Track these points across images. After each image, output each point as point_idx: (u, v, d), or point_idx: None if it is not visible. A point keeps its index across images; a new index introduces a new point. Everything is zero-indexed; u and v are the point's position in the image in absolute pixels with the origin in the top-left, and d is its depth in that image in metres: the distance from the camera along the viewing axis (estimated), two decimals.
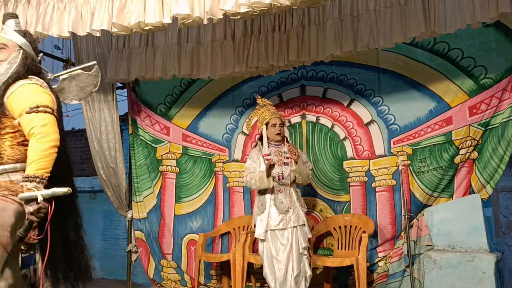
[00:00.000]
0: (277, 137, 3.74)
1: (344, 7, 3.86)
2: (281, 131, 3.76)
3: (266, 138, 3.74)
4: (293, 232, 3.58)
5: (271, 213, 3.63)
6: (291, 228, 3.58)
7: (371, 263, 4.08)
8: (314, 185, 4.43)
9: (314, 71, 4.55)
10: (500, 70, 3.85)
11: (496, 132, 3.83)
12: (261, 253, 3.70)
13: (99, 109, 4.67)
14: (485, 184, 3.85)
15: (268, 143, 3.74)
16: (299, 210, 3.66)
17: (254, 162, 3.77)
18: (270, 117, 3.77)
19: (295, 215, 3.62)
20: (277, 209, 3.62)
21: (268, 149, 3.72)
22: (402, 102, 4.23)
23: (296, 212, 3.63)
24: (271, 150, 3.74)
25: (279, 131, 3.74)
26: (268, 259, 3.64)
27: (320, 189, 4.43)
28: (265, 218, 3.64)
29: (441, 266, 3.59)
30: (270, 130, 3.75)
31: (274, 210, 3.63)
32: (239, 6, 2.85)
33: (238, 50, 4.20)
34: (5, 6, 3.37)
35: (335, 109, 4.48)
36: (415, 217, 3.93)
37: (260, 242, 3.70)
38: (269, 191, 3.68)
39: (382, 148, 4.28)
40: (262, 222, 3.65)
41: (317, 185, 4.43)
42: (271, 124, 3.76)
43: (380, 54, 4.29)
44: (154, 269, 4.83)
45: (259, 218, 3.68)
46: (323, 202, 4.43)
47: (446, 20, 3.42)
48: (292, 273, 3.53)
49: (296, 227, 3.60)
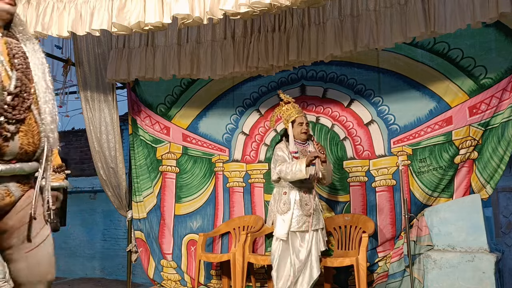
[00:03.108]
0: (303, 136, 3.70)
1: (344, 7, 3.86)
2: (308, 130, 3.74)
3: (292, 135, 3.69)
4: (313, 235, 3.55)
5: (294, 214, 3.55)
6: (312, 231, 3.55)
7: (371, 263, 4.08)
8: (314, 185, 4.42)
9: (314, 71, 4.55)
10: (500, 70, 3.85)
11: (496, 132, 3.83)
12: (273, 251, 3.62)
13: (99, 109, 4.66)
14: (485, 184, 3.85)
15: (295, 141, 3.70)
16: (320, 213, 3.66)
17: (284, 154, 3.67)
18: (296, 115, 3.72)
19: (316, 217, 3.59)
20: (302, 211, 3.56)
21: (294, 146, 3.66)
22: (402, 102, 4.23)
23: (317, 215, 3.62)
24: (297, 148, 3.69)
25: (306, 130, 3.70)
26: (281, 260, 3.56)
27: (320, 189, 4.43)
28: (288, 219, 3.54)
29: (441, 266, 3.59)
30: (296, 129, 3.70)
31: (298, 212, 3.55)
32: (239, 6, 2.85)
33: (238, 50, 4.20)
34: None
35: (335, 109, 4.48)
36: (415, 217, 3.93)
37: (276, 241, 3.61)
38: (293, 192, 3.61)
39: (382, 148, 4.28)
40: (285, 223, 3.54)
41: (317, 185, 4.43)
42: (297, 122, 3.70)
43: (380, 54, 4.29)
44: (154, 269, 4.83)
45: (281, 218, 3.58)
46: (323, 202, 4.42)
47: (446, 20, 3.42)
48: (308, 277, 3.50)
49: (317, 230, 3.58)
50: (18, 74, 1.69)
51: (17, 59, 1.72)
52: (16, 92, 1.66)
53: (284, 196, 3.63)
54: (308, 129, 3.74)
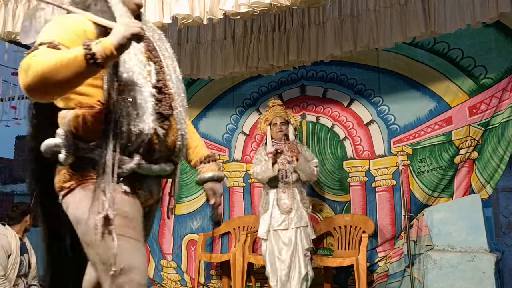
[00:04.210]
0: (279, 135, 3.83)
1: (344, 7, 3.86)
2: (282, 129, 3.82)
3: (270, 137, 3.88)
4: (296, 233, 3.61)
5: (273, 213, 3.67)
6: (294, 229, 3.61)
7: (371, 263, 4.07)
8: (314, 185, 4.42)
9: (314, 71, 4.55)
10: (500, 70, 3.85)
11: (496, 132, 3.82)
12: (263, 252, 3.73)
13: None
14: (485, 184, 3.85)
15: (273, 142, 3.84)
16: (303, 211, 3.67)
17: (261, 156, 3.88)
18: (272, 117, 3.89)
19: (298, 215, 3.63)
20: (280, 209, 3.66)
21: (272, 147, 3.80)
22: (402, 102, 4.23)
23: (300, 213, 3.65)
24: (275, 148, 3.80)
25: (280, 129, 3.82)
26: (270, 259, 3.66)
27: (320, 189, 4.43)
28: (267, 218, 3.69)
29: (441, 266, 3.59)
30: (273, 129, 3.87)
31: (277, 211, 3.67)
32: (239, 6, 2.85)
33: (238, 50, 4.20)
34: (5, 6, 3.37)
35: (335, 109, 4.48)
36: (415, 217, 3.93)
37: (263, 242, 3.74)
38: (273, 191, 3.74)
39: (382, 148, 4.28)
40: (265, 222, 3.71)
41: (317, 185, 4.43)
42: (273, 123, 3.87)
43: (380, 54, 4.29)
44: (154, 269, 4.83)
45: (262, 218, 3.75)
46: (323, 202, 4.42)
47: (446, 20, 3.42)
48: (297, 274, 3.55)
49: (299, 228, 3.62)
50: (156, 67, 1.58)
51: (153, 51, 1.61)
52: (160, 86, 1.55)
53: (266, 196, 3.80)
54: (283, 128, 3.83)
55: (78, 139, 1.44)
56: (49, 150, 1.47)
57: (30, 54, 1.33)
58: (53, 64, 1.27)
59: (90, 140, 1.44)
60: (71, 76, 1.29)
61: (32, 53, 1.33)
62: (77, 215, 1.44)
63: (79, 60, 1.28)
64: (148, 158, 1.51)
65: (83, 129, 1.44)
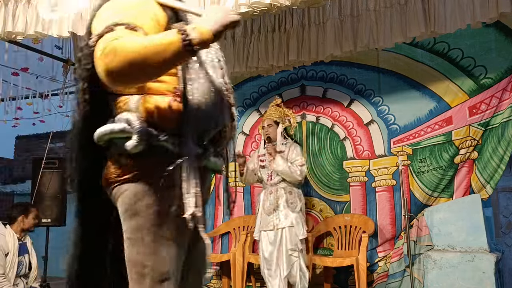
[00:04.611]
0: (265, 138, 3.92)
1: (344, 7, 3.86)
2: (269, 132, 3.87)
3: (263, 139, 3.97)
4: (282, 233, 3.66)
5: (261, 214, 3.78)
6: (280, 229, 3.67)
7: (371, 263, 4.07)
8: (314, 185, 4.43)
9: (314, 71, 4.55)
10: (500, 70, 3.85)
11: (496, 132, 3.82)
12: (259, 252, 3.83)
13: None
14: (485, 184, 3.85)
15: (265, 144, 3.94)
16: (288, 211, 3.68)
17: (252, 159, 3.99)
18: (264, 119, 3.96)
19: (283, 216, 3.67)
20: (264, 211, 3.76)
21: (263, 149, 3.89)
22: (402, 102, 4.23)
23: (285, 213, 3.68)
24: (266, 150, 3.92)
25: (266, 132, 3.88)
26: (262, 259, 3.77)
27: (320, 189, 4.43)
28: (258, 219, 3.83)
29: (441, 266, 3.59)
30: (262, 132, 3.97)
31: (262, 212, 3.78)
32: (239, 6, 2.85)
33: (238, 50, 4.20)
34: (5, 6, 3.37)
35: (335, 109, 4.48)
36: (415, 217, 3.93)
37: (258, 242, 3.85)
38: (262, 193, 3.88)
39: (382, 148, 4.28)
40: (257, 222, 3.84)
41: (317, 185, 4.43)
42: (262, 126, 3.97)
43: (380, 54, 4.29)
44: None
45: (256, 219, 3.87)
46: (323, 202, 4.42)
47: (446, 20, 3.42)
48: (278, 276, 3.62)
49: (284, 228, 3.67)
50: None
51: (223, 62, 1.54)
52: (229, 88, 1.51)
53: (258, 197, 3.94)
54: (270, 130, 3.87)
55: (149, 126, 1.31)
56: (107, 137, 1.35)
57: (109, 36, 1.21)
58: (145, 48, 1.17)
59: (164, 127, 1.32)
60: (162, 62, 1.19)
61: (112, 35, 1.21)
62: (136, 207, 1.31)
63: (175, 46, 1.18)
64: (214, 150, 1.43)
65: (158, 116, 1.32)
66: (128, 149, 1.30)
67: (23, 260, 3.74)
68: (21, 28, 3.31)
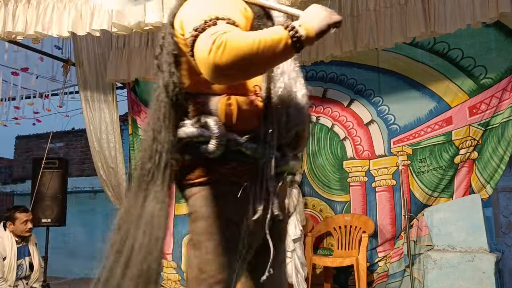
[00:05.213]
0: None
1: (344, 7, 3.86)
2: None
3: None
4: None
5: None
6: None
7: (371, 263, 4.07)
8: (314, 185, 4.43)
9: (314, 71, 4.55)
10: (500, 70, 3.85)
11: (496, 132, 3.83)
12: None
13: (99, 109, 4.67)
14: (485, 184, 3.85)
15: None
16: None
17: None
18: None
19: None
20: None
21: None
22: (402, 102, 4.23)
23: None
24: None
25: None
26: None
27: (320, 189, 4.43)
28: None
29: (441, 266, 3.59)
30: None
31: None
32: None
33: None
34: (5, 6, 3.37)
35: (335, 109, 4.48)
36: (415, 217, 3.93)
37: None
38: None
39: (382, 148, 4.28)
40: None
41: (317, 185, 4.44)
42: None
43: (380, 54, 4.29)
44: None
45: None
46: (323, 202, 4.42)
47: (446, 20, 3.42)
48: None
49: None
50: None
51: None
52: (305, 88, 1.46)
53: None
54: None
55: (228, 129, 1.27)
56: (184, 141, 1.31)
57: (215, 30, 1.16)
58: (256, 44, 1.13)
59: (244, 131, 1.27)
60: (271, 58, 1.16)
61: (217, 28, 1.16)
62: (202, 211, 1.29)
63: (284, 43, 1.15)
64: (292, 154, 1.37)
65: (237, 119, 1.27)
66: (206, 154, 1.27)
67: (23, 263, 3.70)
68: (21, 28, 3.32)
